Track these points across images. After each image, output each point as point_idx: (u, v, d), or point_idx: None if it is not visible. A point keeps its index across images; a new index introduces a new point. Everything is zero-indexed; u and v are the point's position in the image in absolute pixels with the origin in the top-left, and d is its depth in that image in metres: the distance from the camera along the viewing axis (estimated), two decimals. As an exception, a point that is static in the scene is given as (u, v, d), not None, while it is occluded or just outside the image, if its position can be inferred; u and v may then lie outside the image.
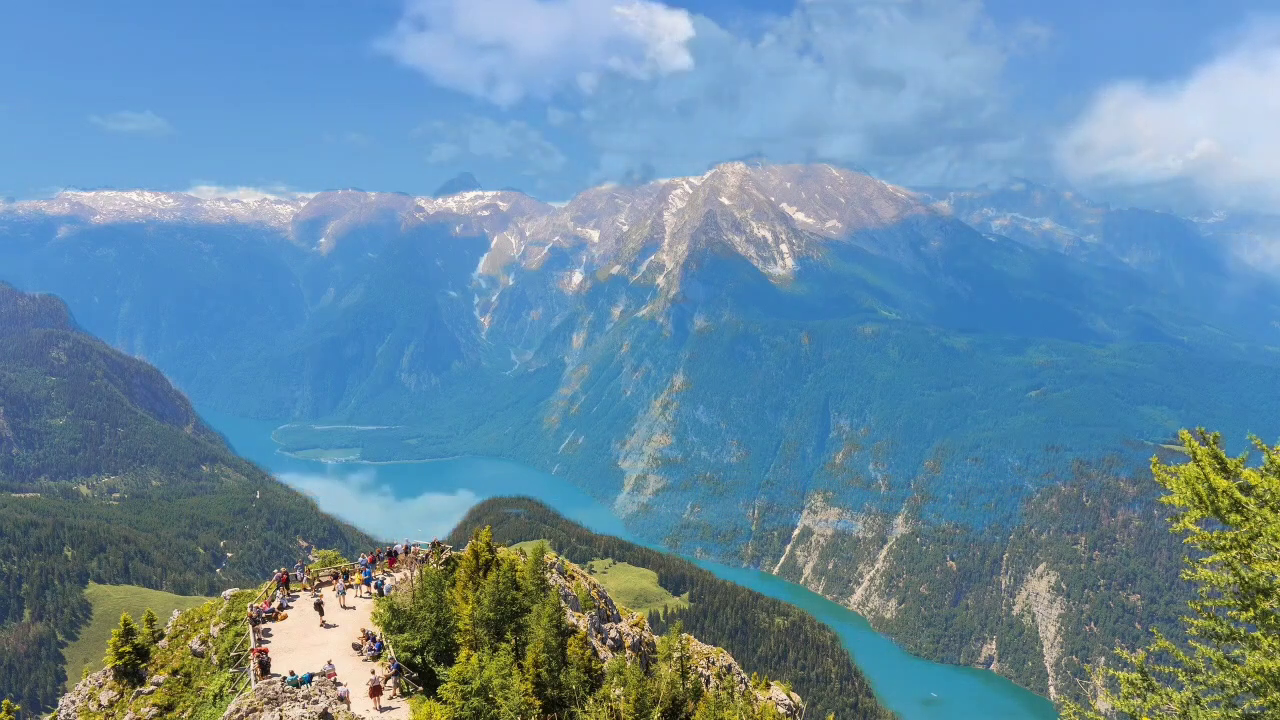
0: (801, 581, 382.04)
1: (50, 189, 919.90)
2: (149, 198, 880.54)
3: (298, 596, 47.09)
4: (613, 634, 62.22)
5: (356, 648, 40.20)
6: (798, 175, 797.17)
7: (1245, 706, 16.18)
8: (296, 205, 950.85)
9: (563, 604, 47.04)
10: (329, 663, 36.66)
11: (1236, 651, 16.38)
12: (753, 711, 51.30)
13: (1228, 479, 15.68)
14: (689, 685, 46.39)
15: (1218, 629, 16.40)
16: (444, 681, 35.28)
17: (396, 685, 36.26)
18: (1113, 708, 18.08)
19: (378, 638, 40.04)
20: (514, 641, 40.49)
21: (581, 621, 56.79)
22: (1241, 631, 16.18)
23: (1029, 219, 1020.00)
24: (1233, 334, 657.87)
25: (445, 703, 33.74)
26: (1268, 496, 15.60)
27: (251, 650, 39.44)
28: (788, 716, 62.02)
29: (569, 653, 40.65)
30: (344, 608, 45.84)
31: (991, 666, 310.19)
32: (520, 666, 38.36)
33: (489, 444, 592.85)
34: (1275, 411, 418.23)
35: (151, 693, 45.03)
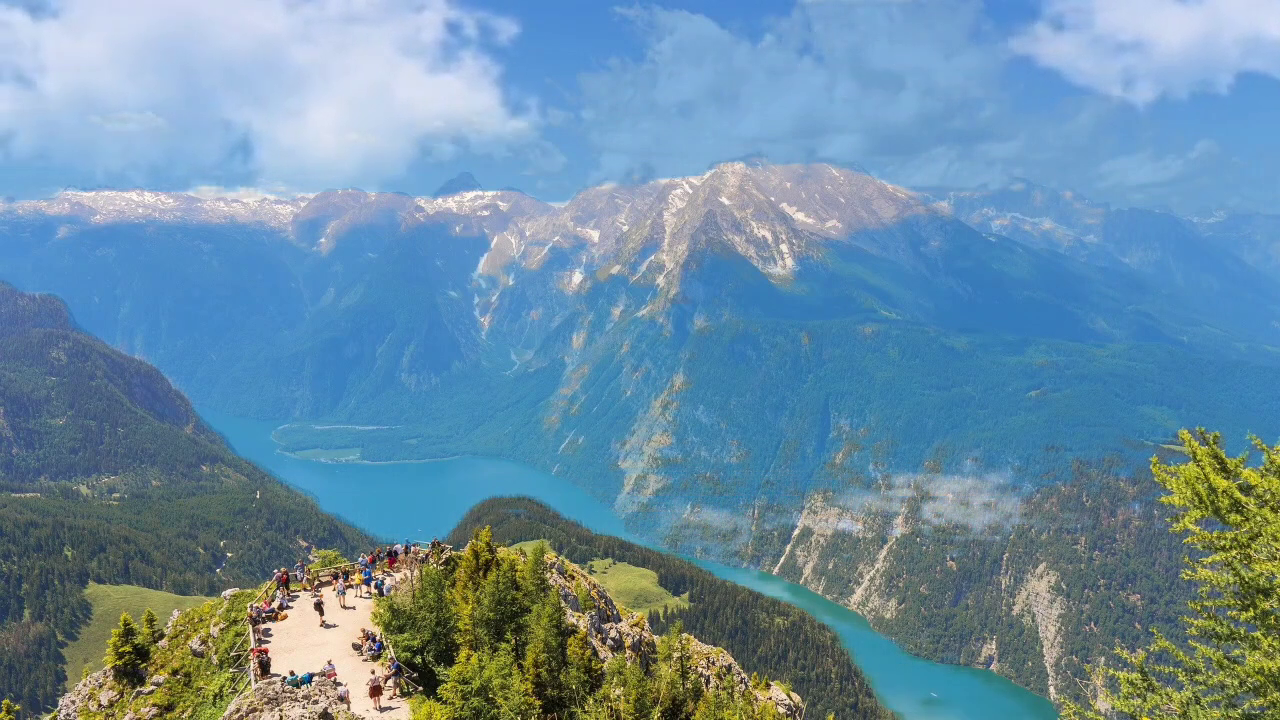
0: (801, 581, 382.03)
1: (50, 189, 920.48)
2: (149, 198, 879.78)
3: (298, 596, 47.11)
4: (613, 634, 62.24)
5: (356, 648, 40.21)
6: (798, 175, 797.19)
7: (1245, 706, 16.18)
8: (296, 205, 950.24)
9: (563, 604, 47.07)
10: (329, 663, 36.67)
11: (1236, 651, 16.39)
12: (753, 711, 51.33)
13: (1228, 479, 15.68)
14: (689, 685, 46.41)
15: (1218, 629, 16.41)
16: (444, 681, 35.31)
17: (396, 685, 36.26)
18: (1113, 708, 18.09)
19: (378, 638, 40.05)
20: (514, 641, 40.50)
21: (581, 621, 56.80)
22: (1241, 631, 16.19)
23: (1029, 219, 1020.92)
24: (1233, 334, 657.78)
25: (445, 703, 33.76)
26: (1268, 496, 15.60)
27: (251, 650, 39.45)
28: (788, 716, 62.02)
29: (569, 653, 40.66)
30: (344, 608, 45.85)
31: (991, 666, 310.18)
32: (520, 666, 38.37)
33: (489, 444, 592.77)
34: (1275, 411, 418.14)
35: (151, 693, 45.03)
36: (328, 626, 43.28)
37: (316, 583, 49.81)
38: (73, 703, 50.15)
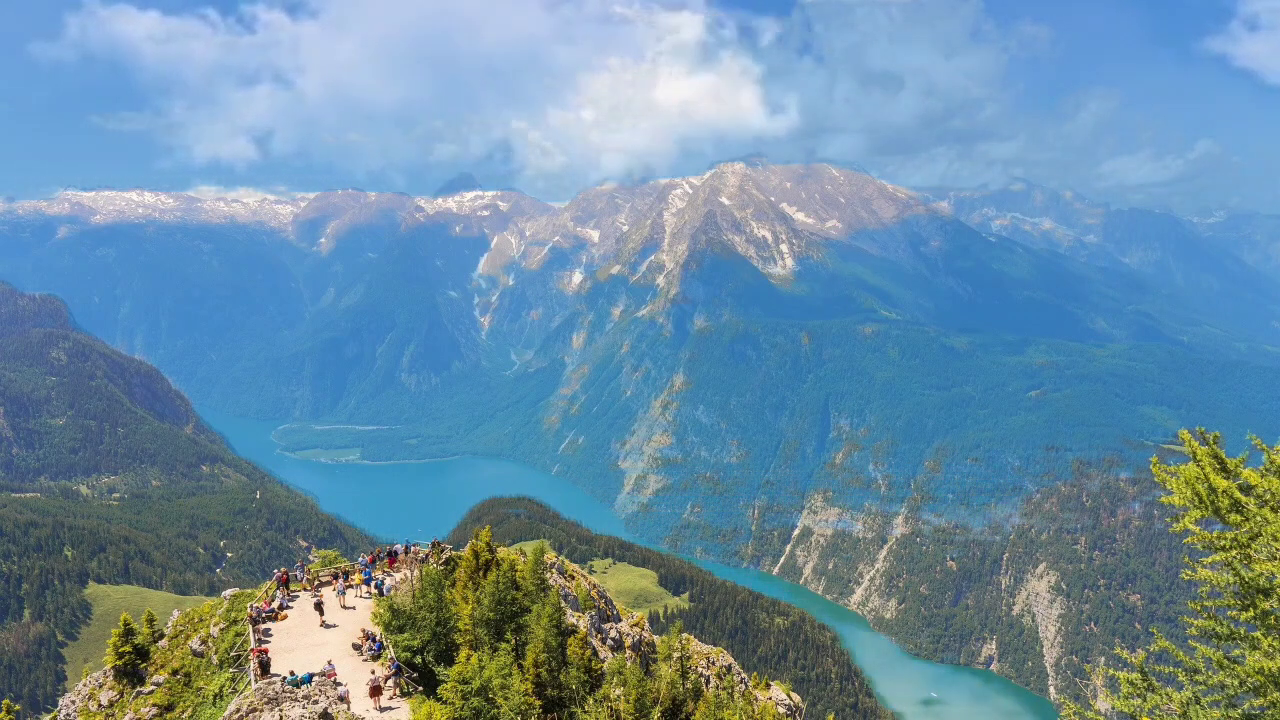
0: (801, 581, 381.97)
1: (50, 189, 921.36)
2: (149, 198, 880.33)
3: (298, 596, 47.11)
4: (613, 634, 62.23)
5: (356, 648, 40.21)
6: (798, 175, 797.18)
7: (1245, 706, 16.19)
8: (296, 205, 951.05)
9: (563, 604, 47.06)
10: (329, 663, 36.67)
11: (1236, 651, 16.39)
12: (753, 711, 51.33)
13: (1228, 479, 15.68)
14: (689, 685, 46.41)
15: (1218, 629, 16.41)
16: (444, 681, 35.30)
17: (396, 685, 36.26)
18: (1113, 708, 18.09)
19: (378, 638, 40.05)
20: (514, 641, 40.50)
21: (581, 621, 56.80)
22: (1241, 631, 16.19)
23: (1029, 219, 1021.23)
24: (1233, 334, 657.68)
25: (445, 703, 33.76)
26: (1268, 496, 15.61)
27: (251, 650, 39.45)
28: (788, 716, 62.02)
29: (569, 653, 40.66)
30: (344, 608, 45.85)
31: (991, 666, 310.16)
32: (520, 666, 38.37)
33: (489, 444, 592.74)
34: (1275, 411, 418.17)
35: (151, 693, 45.03)
36: (328, 626, 43.28)
37: (316, 583, 49.81)
38: (73, 703, 50.14)
